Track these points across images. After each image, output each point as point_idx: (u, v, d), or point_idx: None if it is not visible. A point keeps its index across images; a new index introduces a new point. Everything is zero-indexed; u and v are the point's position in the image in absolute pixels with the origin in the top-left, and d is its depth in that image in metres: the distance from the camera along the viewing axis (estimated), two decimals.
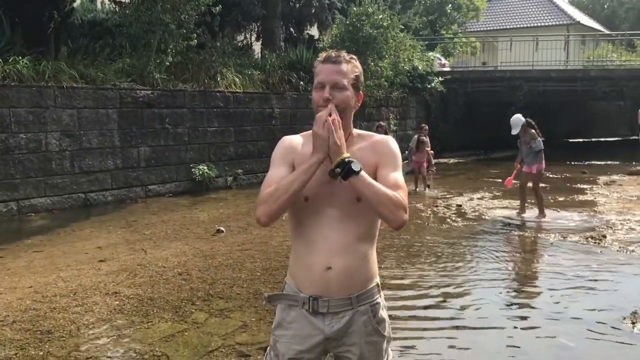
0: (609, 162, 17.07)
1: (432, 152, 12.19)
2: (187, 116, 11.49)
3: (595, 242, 7.08)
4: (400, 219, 1.84)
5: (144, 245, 7.03)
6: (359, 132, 2.07)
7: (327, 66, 1.95)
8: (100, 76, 10.17)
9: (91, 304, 4.83)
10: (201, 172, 11.43)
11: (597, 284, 5.50)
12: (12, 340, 4.07)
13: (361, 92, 2.02)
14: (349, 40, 14.81)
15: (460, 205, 9.87)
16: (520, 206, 9.03)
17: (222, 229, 7.79)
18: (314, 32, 20.42)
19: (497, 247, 7.06)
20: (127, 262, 6.16)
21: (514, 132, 8.82)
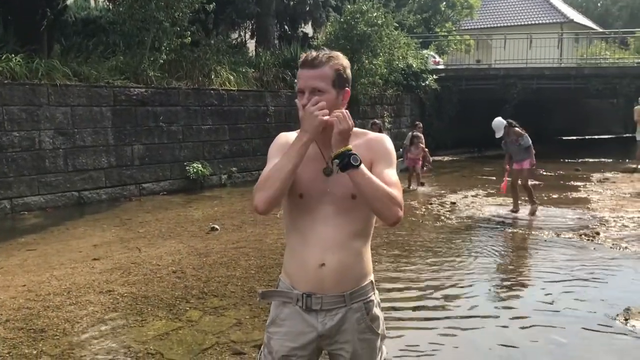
0: (602, 160, 17.14)
1: (426, 149, 12.21)
2: (181, 114, 11.46)
3: (588, 239, 7.13)
4: (395, 215, 1.85)
5: (138, 243, 7.02)
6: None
7: (305, 72, 1.91)
8: (93, 74, 10.12)
9: (85, 302, 4.82)
10: (195, 170, 11.40)
11: (590, 281, 5.53)
12: (5, 339, 4.06)
13: (347, 89, 1.96)
14: (343, 37, 14.81)
15: (454, 202, 9.91)
16: (513, 203, 9.09)
17: (216, 227, 7.79)
18: (309, 29, 20.39)
19: (491, 244, 7.09)
20: (121, 261, 6.15)
21: (498, 135, 8.91)
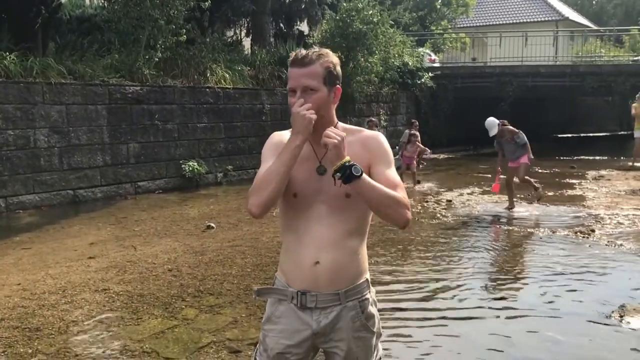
0: (598, 157, 17.18)
1: (422, 146, 12.22)
2: (177, 112, 11.43)
3: (584, 237, 7.15)
4: (404, 217, 1.86)
5: (133, 241, 7.00)
6: (345, 126, 2.04)
7: (295, 70, 1.91)
8: (88, 72, 10.08)
9: (80, 300, 4.81)
10: (191, 169, 11.38)
11: (586, 278, 5.54)
12: (1, 338, 4.05)
13: (338, 86, 1.96)
14: (339, 35, 14.78)
15: (450, 200, 9.91)
16: (509, 201, 9.10)
17: (212, 225, 7.78)
18: (304, 27, 20.36)
19: (486, 242, 7.11)
20: (116, 259, 6.14)
21: (491, 134, 8.91)
